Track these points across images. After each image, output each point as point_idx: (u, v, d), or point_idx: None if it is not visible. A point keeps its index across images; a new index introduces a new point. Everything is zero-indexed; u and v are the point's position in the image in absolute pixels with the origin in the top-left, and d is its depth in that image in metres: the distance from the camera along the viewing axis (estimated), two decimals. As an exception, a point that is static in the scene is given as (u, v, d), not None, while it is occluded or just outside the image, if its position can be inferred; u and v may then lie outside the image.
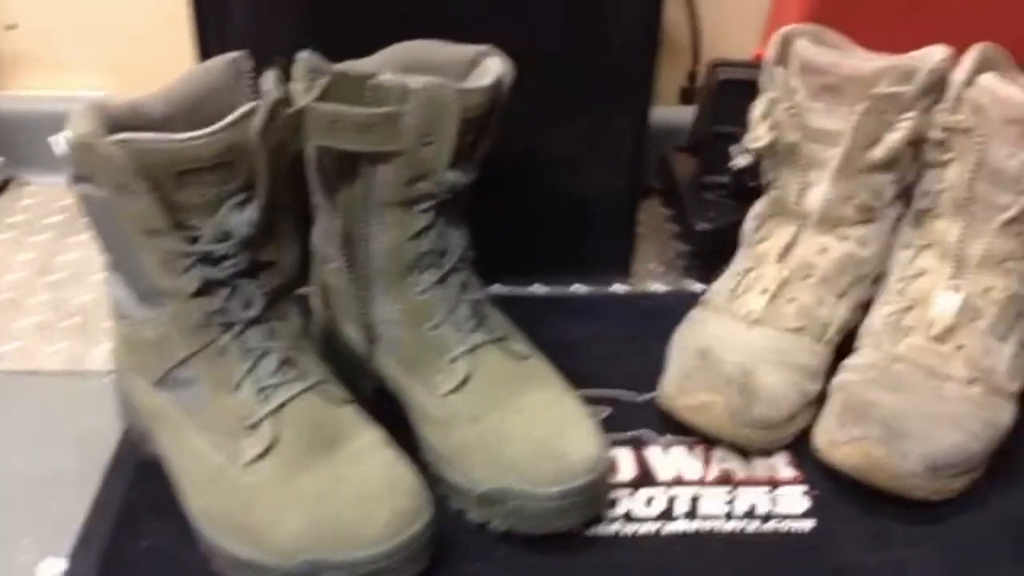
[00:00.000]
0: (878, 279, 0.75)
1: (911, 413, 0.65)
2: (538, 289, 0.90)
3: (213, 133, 0.54)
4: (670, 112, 1.06)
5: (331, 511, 0.55)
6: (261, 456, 0.57)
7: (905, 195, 0.74)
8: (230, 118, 0.55)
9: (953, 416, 0.65)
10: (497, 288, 0.88)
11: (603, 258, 0.90)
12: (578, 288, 0.90)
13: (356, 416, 0.61)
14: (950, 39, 0.71)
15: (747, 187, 0.86)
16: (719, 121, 0.90)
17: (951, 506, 0.65)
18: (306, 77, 0.60)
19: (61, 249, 0.92)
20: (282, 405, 0.59)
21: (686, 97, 1.15)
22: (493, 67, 0.63)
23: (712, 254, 0.89)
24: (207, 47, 0.78)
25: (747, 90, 0.79)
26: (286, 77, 0.60)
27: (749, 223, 0.79)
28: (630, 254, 0.91)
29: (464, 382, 0.63)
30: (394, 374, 0.66)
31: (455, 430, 0.63)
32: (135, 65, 1.03)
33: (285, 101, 0.56)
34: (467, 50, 0.65)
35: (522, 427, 0.61)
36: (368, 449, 0.59)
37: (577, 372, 0.76)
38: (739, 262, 0.77)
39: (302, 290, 0.72)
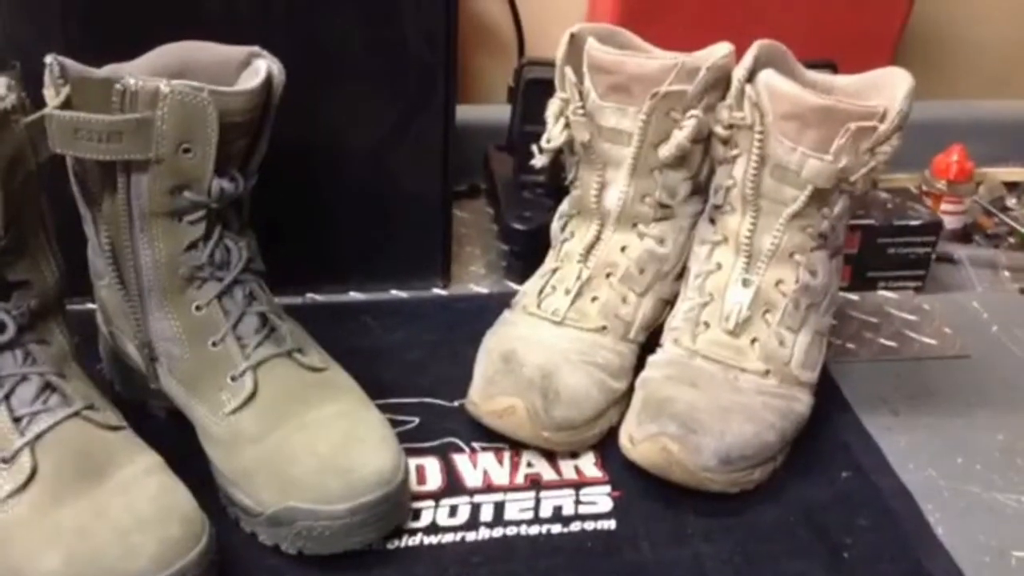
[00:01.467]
0: (680, 275, 0.75)
1: (706, 407, 0.65)
2: (354, 295, 0.88)
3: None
4: (492, 111, 1.06)
5: (92, 546, 0.51)
6: (19, 490, 0.53)
7: (701, 192, 0.75)
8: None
9: (747, 408, 0.66)
10: (312, 296, 0.86)
11: (419, 262, 0.89)
12: (394, 294, 0.88)
13: (129, 442, 0.58)
14: (749, 37, 0.72)
15: (563, 186, 0.86)
16: (528, 120, 0.90)
17: (749, 497, 0.66)
18: (56, 83, 0.56)
19: None
20: (42, 433, 0.55)
21: (511, 97, 1.15)
22: (261, 68, 0.60)
23: (529, 254, 0.88)
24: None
25: (554, 89, 0.79)
26: (23, 84, 0.56)
27: (556, 223, 0.78)
28: (446, 256, 0.89)
29: (249, 399, 0.61)
30: (177, 394, 0.63)
31: (240, 450, 0.60)
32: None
33: (19, 108, 0.52)
34: (238, 51, 0.63)
35: (308, 443, 0.59)
36: (139, 477, 0.55)
37: (387, 380, 0.75)
38: (547, 262, 0.77)
39: (89, 306, 0.68)
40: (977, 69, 1.28)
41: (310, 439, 0.59)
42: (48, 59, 0.56)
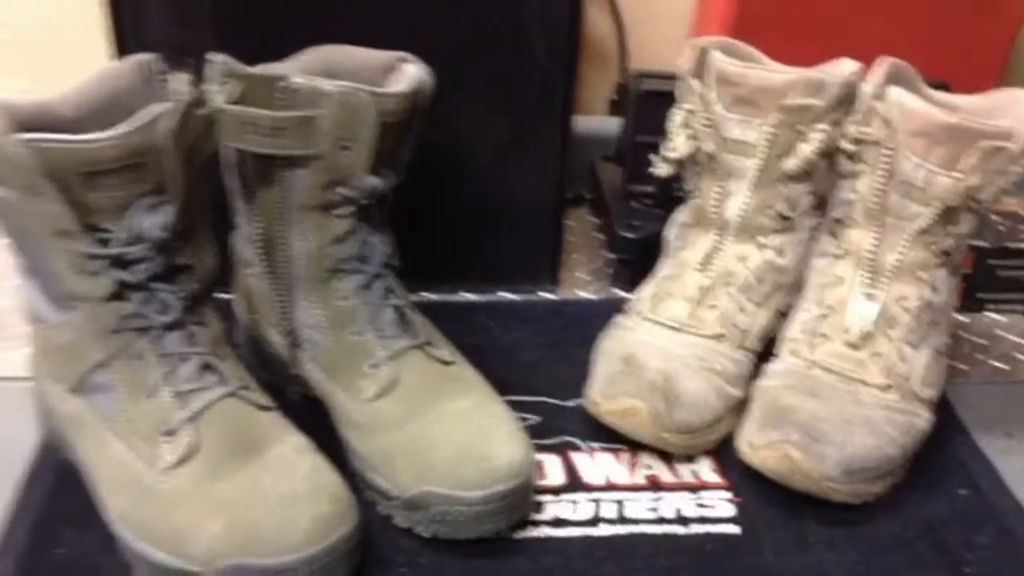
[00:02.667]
0: (796, 287, 0.76)
1: (828, 417, 0.66)
2: (467, 296, 0.90)
3: (122, 135, 0.53)
4: (599, 122, 1.08)
5: (251, 517, 0.54)
6: (181, 461, 0.56)
7: (822, 205, 0.76)
8: (138, 120, 0.54)
9: (869, 421, 0.67)
10: (423, 295, 0.89)
11: (530, 266, 0.91)
12: (504, 296, 0.91)
13: (279, 422, 0.60)
14: (860, 56, 0.73)
15: (672, 196, 0.88)
16: (641, 131, 0.92)
17: (871, 509, 0.67)
18: (219, 79, 0.59)
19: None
20: (201, 410, 0.58)
21: (614, 109, 1.17)
22: (411, 73, 0.63)
23: (637, 262, 0.90)
24: (124, 49, 0.76)
25: (668, 101, 0.81)
26: (198, 79, 0.59)
27: (670, 231, 0.80)
28: (556, 262, 0.91)
29: (388, 388, 0.63)
30: (318, 379, 0.66)
31: (380, 435, 0.62)
32: (42, 66, 1.00)
33: (197, 103, 0.56)
34: (384, 56, 0.65)
35: (446, 432, 0.61)
36: (291, 454, 0.58)
37: (502, 378, 0.77)
38: (662, 269, 0.79)
39: (226, 295, 0.71)
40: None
41: (448, 428, 0.61)
42: (216, 57, 0.60)
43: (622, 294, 0.91)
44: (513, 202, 0.88)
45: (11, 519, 0.61)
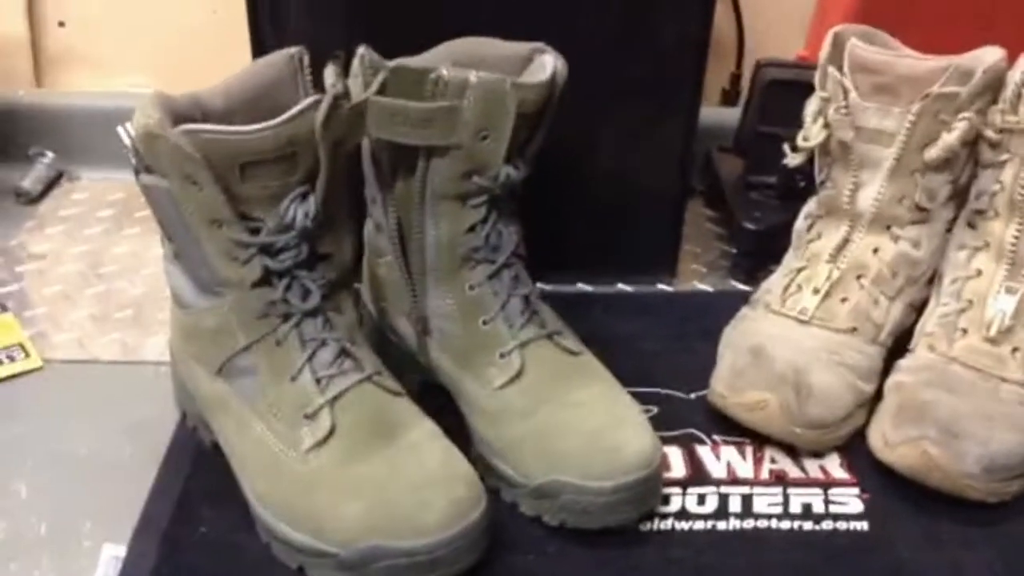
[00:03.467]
0: (931, 280, 0.74)
1: (967, 414, 0.64)
2: (583, 287, 0.90)
3: (277, 126, 0.55)
4: (713, 113, 1.06)
5: (389, 499, 0.56)
6: (320, 444, 0.58)
7: (959, 196, 0.74)
8: (294, 111, 0.55)
9: (1010, 418, 0.65)
10: (541, 286, 0.89)
11: (648, 257, 0.90)
12: (623, 287, 0.90)
13: (411, 408, 0.62)
14: (992, 43, 0.71)
15: (794, 187, 0.86)
16: (765, 121, 0.90)
17: (1007, 508, 0.64)
18: (365, 72, 0.61)
19: (113, 243, 0.93)
20: (340, 394, 0.59)
21: (727, 99, 1.15)
22: (548, 63, 0.63)
23: (758, 254, 0.89)
24: (262, 44, 0.78)
25: (793, 90, 0.79)
26: (345, 72, 0.60)
27: (801, 222, 0.78)
28: (676, 254, 0.91)
29: (517, 376, 0.64)
30: (446, 367, 0.67)
31: (508, 423, 0.63)
32: (178, 63, 1.05)
33: (346, 95, 0.57)
34: (521, 47, 0.66)
35: (575, 421, 0.62)
36: (425, 439, 0.59)
37: (624, 369, 0.76)
38: (791, 261, 0.77)
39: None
40: None
41: (576, 417, 0.62)
42: (361, 50, 0.61)
43: (740, 286, 0.90)
44: (635, 193, 0.87)
45: (152, 499, 0.63)
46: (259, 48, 0.78)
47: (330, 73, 0.57)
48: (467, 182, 0.62)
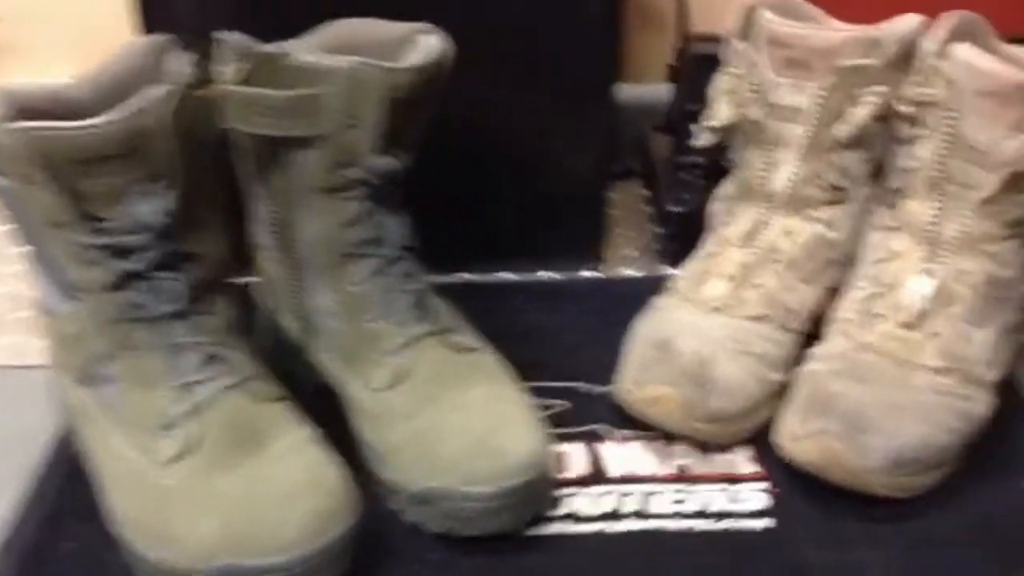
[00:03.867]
0: (849, 263, 0.71)
1: (876, 405, 0.61)
2: (505, 276, 0.87)
3: (111, 120, 0.52)
4: (653, 90, 1.02)
5: (247, 514, 0.53)
6: (180, 456, 0.55)
7: (877, 174, 0.70)
8: (131, 104, 0.52)
9: (920, 407, 0.62)
10: (462, 275, 0.86)
11: (573, 244, 0.87)
12: (547, 275, 0.87)
13: (285, 414, 0.59)
14: (939, 9, 0.67)
15: (724, 167, 0.82)
16: (693, 99, 0.86)
17: (919, 504, 0.61)
18: (230, 59, 0.57)
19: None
20: (204, 403, 0.56)
21: (673, 75, 1.11)
22: (427, 45, 0.60)
23: (686, 237, 0.85)
24: (152, 30, 0.75)
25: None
26: (206, 59, 0.57)
27: (716, 205, 0.75)
28: (600, 238, 0.87)
29: (401, 377, 0.61)
30: (331, 367, 0.64)
31: (390, 427, 0.60)
32: (95, 51, 1.01)
33: (197, 84, 0.54)
34: (402, 27, 0.62)
35: (459, 424, 0.59)
36: (293, 448, 0.56)
37: (537, 362, 0.74)
38: (705, 246, 0.74)
39: (247, 279, 0.70)
40: None
41: (460, 420, 0.59)
42: (226, 35, 0.58)
43: (671, 271, 0.86)
44: (556, 178, 0.84)
45: (23, 510, 0.61)
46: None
47: (178, 61, 0.54)
48: (339, 174, 0.59)
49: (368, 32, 0.62)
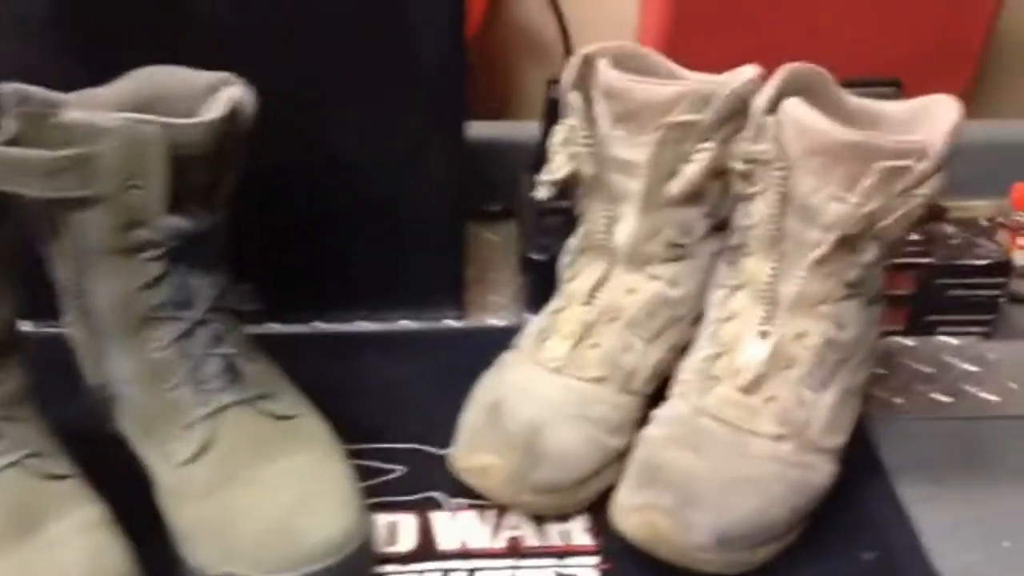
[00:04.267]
0: (698, 321, 0.68)
1: (706, 476, 0.59)
2: (361, 325, 0.83)
3: None
4: (530, 128, 1.00)
5: (6, 612, 0.48)
6: (-55, 546, 0.50)
7: (723, 228, 0.68)
8: None
9: (754, 479, 0.59)
10: (320, 325, 0.83)
11: (429, 291, 0.84)
12: (405, 324, 0.84)
13: (71, 494, 0.54)
14: (809, 52, 0.65)
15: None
16: (552, 142, 0.84)
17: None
18: (11, 113, 0.53)
19: None
20: (-27, 485, 0.52)
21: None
22: (226, 98, 0.56)
23: (548, 285, 0.82)
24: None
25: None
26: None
27: (564, 258, 0.72)
28: (459, 286, 0.84)
29: (202, 450, 0.57)
30: (132, 438, 0.60)
31: (189, 504, 0.56)
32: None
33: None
34: (207, 77, 0.59)
35: (255, 503, 0.55)
36: (72, 533, 0.52)
37: (376, 423, 0.71)
38: (553, 301, 0.71)
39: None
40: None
41: (258, 498, 0.55)
42: (6, 88, 0.54)
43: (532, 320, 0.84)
44: (408, 219, 0.81)
45: None
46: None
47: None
48: (129, 235, 0.55)
49: (171, 81, 0.59)
